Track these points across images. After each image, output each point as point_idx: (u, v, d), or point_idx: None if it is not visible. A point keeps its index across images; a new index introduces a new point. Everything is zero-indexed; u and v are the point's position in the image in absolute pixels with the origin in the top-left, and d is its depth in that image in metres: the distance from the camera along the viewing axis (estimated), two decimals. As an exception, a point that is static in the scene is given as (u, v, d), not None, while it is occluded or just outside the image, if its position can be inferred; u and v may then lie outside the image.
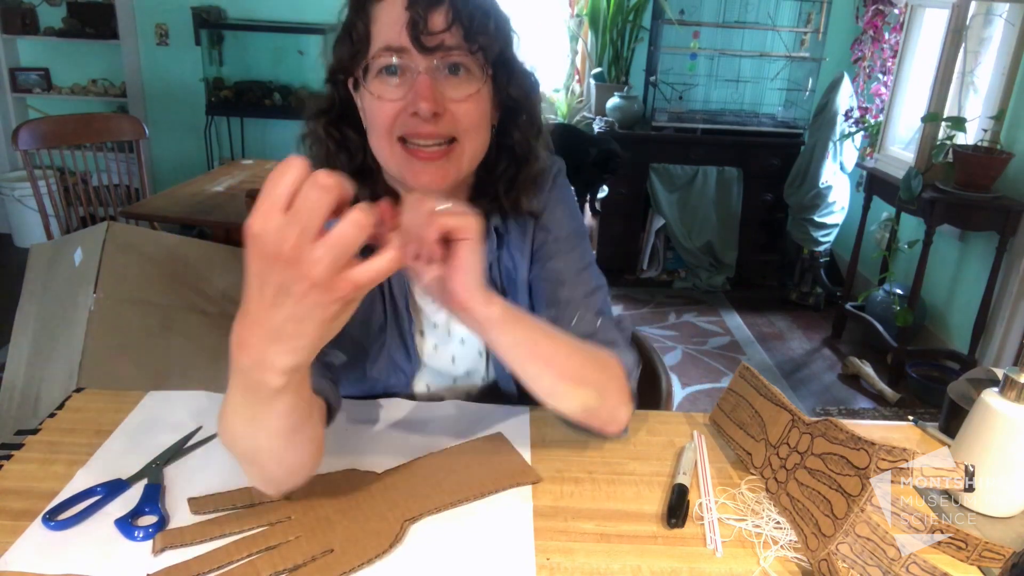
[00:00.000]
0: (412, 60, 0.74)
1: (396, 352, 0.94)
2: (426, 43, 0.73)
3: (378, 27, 0.76)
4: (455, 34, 0.74)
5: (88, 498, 0.78)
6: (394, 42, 0.74)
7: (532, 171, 0.88)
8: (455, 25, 0.74)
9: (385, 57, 0.75)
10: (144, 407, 0.97)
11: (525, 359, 0.75)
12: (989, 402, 0.84)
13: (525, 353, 0.74)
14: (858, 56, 3.64)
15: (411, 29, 0.73)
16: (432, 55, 0.74)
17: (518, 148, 0.87)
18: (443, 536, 0.76)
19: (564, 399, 0.79)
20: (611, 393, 0.82)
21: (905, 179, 2.80)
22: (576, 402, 0.79)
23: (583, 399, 0.79)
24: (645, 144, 3.76)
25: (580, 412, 0.81)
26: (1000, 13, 2.81)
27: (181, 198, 2.57)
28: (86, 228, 1.98)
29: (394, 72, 0.75)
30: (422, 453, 0.90)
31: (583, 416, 0.81)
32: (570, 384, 0.78)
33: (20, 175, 3.92)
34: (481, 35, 0.76)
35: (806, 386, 2.97)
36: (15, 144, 2.61)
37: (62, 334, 1.82)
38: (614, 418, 0.84)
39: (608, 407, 0.82)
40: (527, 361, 0.75)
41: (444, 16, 0.74)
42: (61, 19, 4.05)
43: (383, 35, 0.75)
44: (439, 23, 0.74)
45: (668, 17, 3.66)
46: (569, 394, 0.78)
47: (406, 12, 0.73)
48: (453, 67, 0.76)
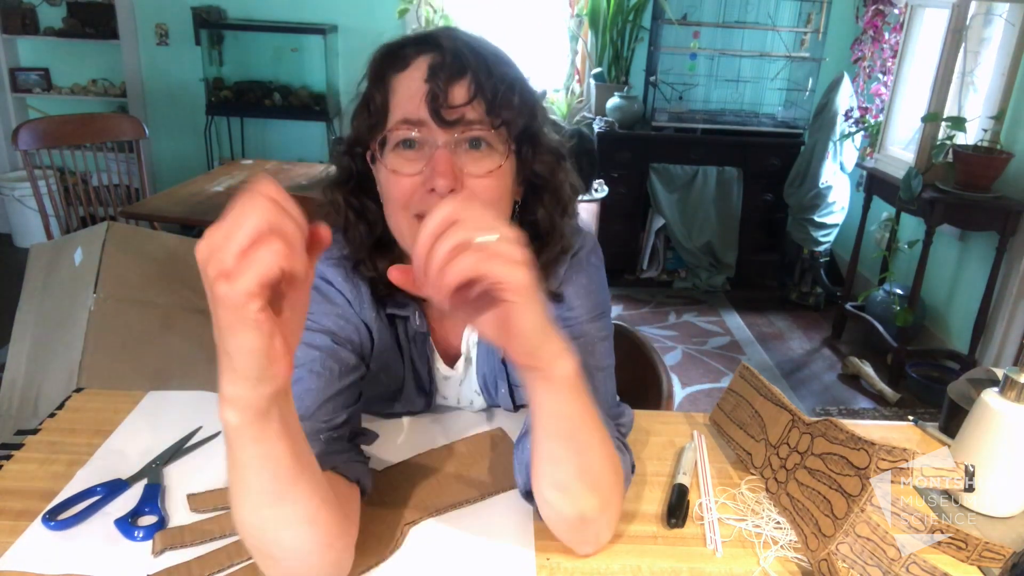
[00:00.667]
0: (431, 134, 0.70)
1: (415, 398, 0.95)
2: (446, 116, 0.69)
3: (397, 99, 0.72)
4: (477, 108, 0.70)
5: (88, 498, 0.78)
6: (412, 115, 0.70)
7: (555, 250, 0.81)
8: (477, 98, 0.70)
9: (403, 130, 0.71)
10: (144, 407, 0.98)
11: (562, 436, 0.66)
12: (989, 402, 0.84)
13: (565, 430, 0.65)
14: (858, 56, 3.64)
15: (430, 102, 0.69)
16: (452, 129, 0.70)
17: (541, 225, 0.80)
18: (443, 537, 0.76)
19: (569, 499, 0.69)
20: (610, 508, 0.73)
21: (905, 179, 2.80)
22: (578, 508, 0.69)
23: (586, 507, 0.69)
24: (645, 144, 3.76)
25: (572, 519, 0.70)
26: (1000, 13, 2.80)
27: (181, 198, 2.57)
28: (86, 228, 1.98)
29: (411, 146, 0.71)
30: (422, 450, 0.90)
31: (572, 524, 0.71)
32: (585, 485, 0.68)
33: (20, 175, 3.92)
34: (505, 110, 0.71)
35: (806, 386, 2.97)
36: (15, 144, 2.60)
37: (62, 334, 1.82)
38: (597, 538, 0.74)
39: (601, 523, 0.73)
40: (563, 440, 0.66)
41: (466, 89, 0.70)
42: (61, 19, 4.05)
43: (401, 107, 0.71)
44: (460, 96, 0.70)
45: (668, 17, 3.66)
46: (578, 496, 0.68)
47: (425, 84, 0.69)
48: (474, 141, 0.71)
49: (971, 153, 2.69)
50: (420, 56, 0.72)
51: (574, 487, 0.68)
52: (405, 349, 0.89)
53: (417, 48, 0.73)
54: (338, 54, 4.02)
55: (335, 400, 0.76)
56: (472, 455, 0.89)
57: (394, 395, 0.93)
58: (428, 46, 0.72)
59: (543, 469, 0.68)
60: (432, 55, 0.71)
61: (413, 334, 0.87)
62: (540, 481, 0.69)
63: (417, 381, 0.92)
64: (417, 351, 0.89)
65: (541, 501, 0.71)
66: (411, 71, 0.72)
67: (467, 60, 0.70)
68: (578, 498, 0.68)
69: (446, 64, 0.70)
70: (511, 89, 0.72)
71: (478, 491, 0.83)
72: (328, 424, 0.74)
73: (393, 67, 0.73)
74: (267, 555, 0.63)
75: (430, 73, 0.69)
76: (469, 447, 0.91)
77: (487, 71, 0.71)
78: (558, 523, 0.72)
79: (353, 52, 4.03)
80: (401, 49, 0.74)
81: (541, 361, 0.60)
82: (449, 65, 0.70)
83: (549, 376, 0.61)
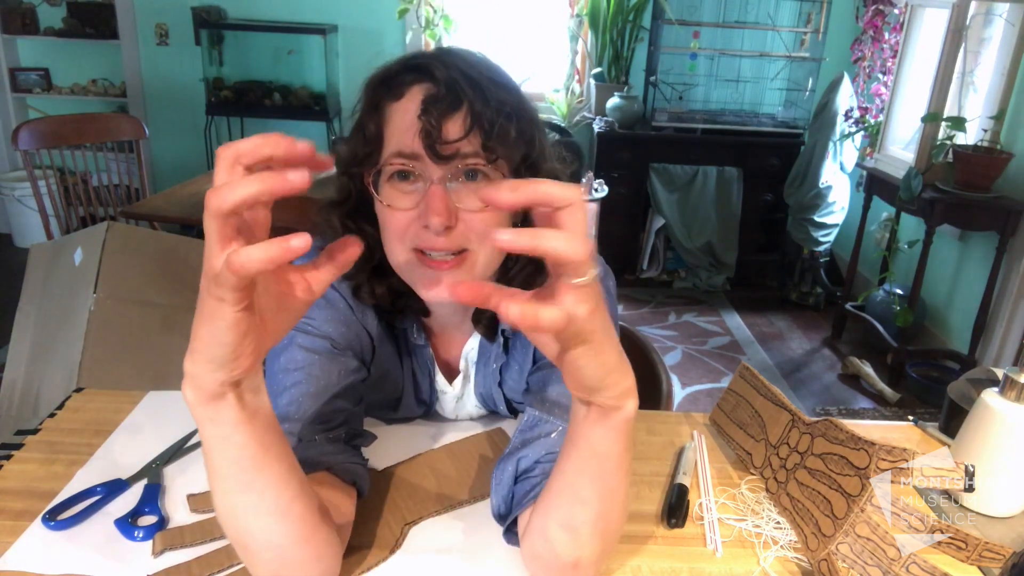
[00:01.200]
0: (425, 168, 0.69)
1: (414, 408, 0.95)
2: (441, 152, 0.67)
3: (391, 130, 0.71)
4: (473, 141, 0.68)
5: (88, 498, 0.78)
6: (407, 148, 0.69)
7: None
8: (473, 132, 0.68)
9: (397, 164, 0.70)
10: (144, 407, 0.98)
11: (596, 477, 0.62)
12: (989, 402, 0.84)
13: (602, 471, 0.61)
14: (858, 56, 3.64)
15: (424, 137, 0.67)
16: (447, 164, 0.68)
17: None
18: (443, 537, 0.76)
19: (574, 543, 0.65)
20: (605, 558, 0.70)
21: (905, 179, 2.80)
22: (578, 553, 0.66)
23: (586, 553, 0.66)
24: (645, 144, 3.76)
25: (566, 563, 0.66)
26: (1000, 13, 2.81)
27: (181, 198, 2.57)
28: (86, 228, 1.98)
29: (407, 177, 0.70)
30: (422, 449, 0.90)
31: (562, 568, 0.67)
32: (596, 531, 0.64)
33: (20, 175, 3.92)
34: (502, 144, 0.69)
35: (806, 386, 2.97)
36: (15, 144, 2.61)
37: (62, 334, 1.82)
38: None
39: (590, 572, 0.68)
40: (596, 481, 0.62)
41: (461, 123, 0.68)
42: (61, 19, 4.05)
43: (396, 140, 0.70)
44: (455, 131, 0.68)
45: (668, 17, 3.66)
46: (584, 541, 0.65)
47: (419, 120, 0.68)
48: (470, 173, 0.70)
49: (971, 153, 2.69)
50: (415, 85, 0.70)
51: (584, 531, 0.64)
52: (406, 359, 0.89)
53: (412, 76, 0.71)
54: (338, 54, 4.02)
55: (333, 403, 0.76)
56: (472, 455, 0.90)
57: (394, 404, 0.93)
58: (423, 75, 0.70)
59: (560, 506, 0.64)
60: (427, 85, 0.69)
61: (412, 345, 0.88)
62: (549, 517, 0.65)
63: (417, 392, 0.92)
64: (418, 363, 0.90)
65: (538, 537, 0.67)
66: (405, 102, 0.70)
67: (462, 91, 0.68)
68: (584, 544, 0.65)
69: (440, 96, 0.68)
70: (508, 119, 0.70)
71: (477, 491, 0.83)
72: (326, 426, 0.74)
73: (388, 95, 0.72)
74: (243, 546, 0.63)
75: (424, 107, 0.68)
76: (468, 447, 0.91)
77: (484, 101, 0.69)
78: (547, 565, 0.68)
79: (353, 52, 4.03)
80: (396, 76, 0.72)
81: (603, 399, 0.56)
82: (443, 97, 0.68)
83: (607, 414, 0.57)
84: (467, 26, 3.97)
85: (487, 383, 0.91)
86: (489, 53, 0.78)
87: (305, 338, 0.77)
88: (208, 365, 0.51)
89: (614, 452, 0.60)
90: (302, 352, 0.76)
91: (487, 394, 0.92)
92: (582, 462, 0.61)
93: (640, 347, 1.27)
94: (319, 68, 3.94)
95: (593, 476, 0.62)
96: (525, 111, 0.74)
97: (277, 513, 0.61)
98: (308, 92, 3.99)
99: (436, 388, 0.93)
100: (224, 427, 0.55)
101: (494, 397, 0.92)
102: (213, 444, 0.57)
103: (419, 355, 0.89)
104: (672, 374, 3.00)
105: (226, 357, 0.50)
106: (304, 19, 3.94)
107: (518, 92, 0.74)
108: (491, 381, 0.90)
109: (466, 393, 0.94)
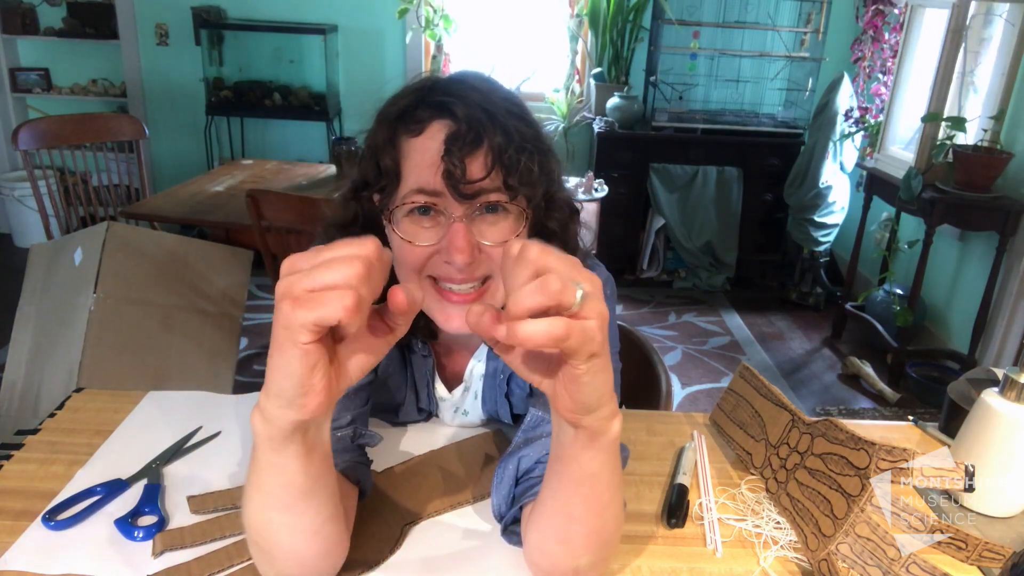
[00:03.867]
0: (447, 205, 0.69)
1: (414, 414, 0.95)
2: (464, 191, 0.68)
3: (410, 165, 0.71)
4: (495, 179, 0.69)
5: (88, 498, 0.78)
6: (428, 186, 0.69)
7: None
8: (495, 170, 0.69)
9: (419, 199, 0.70)
10: (144, 407, 0.98)
11: (586, 496, 0.62)
12: (989, 402, 0.84)
13: (592, 489, 0.61)
14: (858, 56, 3.64)
15: (447, 177, 0.68)
16: (470, 202, 0.69)
17: None
18: (443, 537, 0.76)
19: (570, 554, 0.65)
20: (605, 563, 0.70)
21: (905, 179, 2.80)
22: (575, 563, 0.66)
23: (583, 562, 0.66)
24: (645, 144, 3.76)
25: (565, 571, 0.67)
26: (1000, 13, 2.80)
27: (181, 198, 2.57)
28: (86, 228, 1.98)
29: (427, 212, 0.71)
30: (423, 450, 0.90)
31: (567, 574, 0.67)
32: (591, 543, 0.65)
33: (20, 175, 3.92)
34: (524, 183, 0.70)
35: (806, 386, 2.97)
36: (15, 144, 2.61)
37: (62, 334, 1.82)
38: None
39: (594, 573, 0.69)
40: (586, 499, 0.62)
41: (482, 161, 0.68)
42: (61, 19, 4.05)
43: (415, 176, 0.70)
44: (478, 170, 0.68)
45: (668, 17, 3.66)
46: (580, 552, 0.65)
47: (442, 159, 0.68)
48: (490, 207, 0.71)
49: (971, 153, 2.69)
50: (435, 122, 0.70)
51: (579, 543, 0.65)
52: (408, 368, 0.90)
53: (431, 112, 0.70)
54: (338, 54, 4.02)
55: (342, 402, 0.76)
56: (472, 455, 0.90)
57: (395, 409, 0.94)
58: (442, 112, 0.70)
59: (555, 524, 0.65)
60: (448, 123, 0.69)
61: (416, 356, 0.89)
62: (544, 535, 0.66)
63: (416, 400, 0.93)
64: (418, 371, 0.91)
65: (535, 551, 0.68)
66: (425, 139, 0.70)
67: (484, 128, 0.68)
68: (580, 554, 0.65)
69: (462, 134, 0.68)
70: (529, 156, 0.70)
71: (478, 491, 0.83)
72: (333, 425, 0.75)
73: (407, 130, 0.71)
74: (264, 551, 0.64)
75: (447, 147, 0.68)
76: (469, 447, 0.91)
77: (505, 137, 0.69)
78: (548, 572, 0.69)
79: (353, 52, 4.03)
80: (414, 111, 0.71)
81: (593, 419, 0.56)
82: (465, 135, 0.68)
83: (594, 436, 0.57)
84: (467, 26, 3.97)
85: (494, 396, 0.91)
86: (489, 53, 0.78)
87: None
88: (277, 400, 0.51)
89: (605, 471, 0.60)
90: None
91: (493, 410, 0.93)
92: (573, 483, 0.61)
93: (640, 347, 1.27)
94: (319, 68, 3.94)
95: (585, 496, 0.62)
96: (542, 143, 0.74)
97: (311, 532, 0.62)
98: (308, 92, 3.99)
99: (435, 397, 0.94)
100: (283, 457, 0.56)
101: (499, 411, 0.93)
102: (267, 468, 0.57)
103: (419, 365, 0.90)
104: (672, 374, 3.01)
105: (295, 392, 0.50)
106: (304, 19, 3.94)
107: (535, 123, 0.75)
108: (498, 393, 0.91)
109: (466, 404, 0.94)
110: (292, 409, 0.51)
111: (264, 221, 1.98)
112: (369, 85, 4.06)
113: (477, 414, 0.95)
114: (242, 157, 4.08)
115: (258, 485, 0.59)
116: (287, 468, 0.57)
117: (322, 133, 4.05)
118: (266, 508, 0.61)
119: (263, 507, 0.61)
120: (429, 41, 3.96)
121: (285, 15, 3.95)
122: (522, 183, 0.70)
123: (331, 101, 3.96)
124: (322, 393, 0.51)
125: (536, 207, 0.74)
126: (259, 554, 0.65)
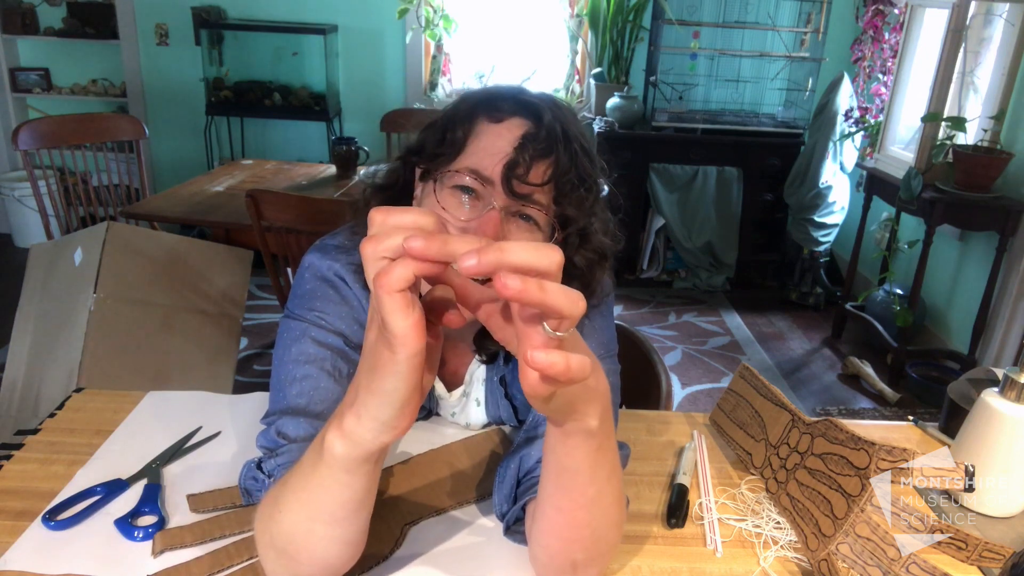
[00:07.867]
0: (493, 194, 0.70)
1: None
2: (516, 189, 0.69)
3: (476, 145, 0.72)
4: (547, 192, 0.71)
5: (88, 498, 0.78)
6: (485, 170, 0.70)
7: None
8: (550, 185, 0.71)
9: (469, 178, 0.71)
10: (144, 407, 0.98)
11: (570, 488, 0.62)
12: (989, 402, 0.84)
13: (576, 483, 0.62)
14: (858, 56, 3.64)
15: (508, 169, 0.69)
16: (515, 201, 0.70)
17: None
18: (443, 537, 0.76)
19: (565, 548, 0.66)
20: (605, 558, 0.70)
21: (905, 179, 2.80)
22: (572, 557, 0.67)
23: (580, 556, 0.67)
24: (645, 144, 3.76)
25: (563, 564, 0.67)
26: (1000, 13, 2.80)
27: (181, 198, 2.57)
28: (86, 228, 1.98)
29: (469, 192, 0.72)
30: (423, 449, 0.90)
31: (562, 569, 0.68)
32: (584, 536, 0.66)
33: (20, 175, 3.92)
34: (570, 206, 0.72)
35: (806, 386, 2.97)
36: (15, 144, 2.61)
37: (62, 334, 1.82)
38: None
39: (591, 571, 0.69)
40: (571, 491, 0.62)
41: (544, 171, 0.70)
42: (61, 19, 4.05)
43: (477, 156, 0.71)
44: (537, 176, 0.70)
45: (668, 17, 3.66)
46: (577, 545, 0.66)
47: (512, 152, 0.69)
48: (526, 216, 0.72)
49: (971, 153, 2.69)
50: (515, 117, 0.72)
51: (569, 535, 0.65)
52: None
53: (515, 107, 0.72)
54: (338, 54, 4.02)
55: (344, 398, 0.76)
56: (472, 455, 0.90)
57: None
58: (528, 112, 0.71)
59: (546, 513, 0.66)
60: (528, 123, 0.71)
61: None
62: (540, 524, 0.67)
63: None
64: None
65: (536, 540, 0.69)
66: (501, 128, 0.71)
67: (557, 142, 0.70)
68: (575, 548, 0.66)
69: (538, 138, 0.69)
70: (587, 190, 0.72)
71: (478, 491, 0.83)
72: None
73: (487, 114, 0.73)
74: (289, 556, 0.63)
75: (522, 142, 0.69)
76: (469, 447, 0.91)
77: (571, 160, 0.70)
78: (546, 567, 0.70)
79: (353, 52, 4.03)
80: (500, 100, 0.73)
81: (563, 419, 0.56)
82: (540, 140, 0.69)
83: (568, 433, 0.57)
84: (467, 26, 3.97)
85: (495, 397, 0.91)
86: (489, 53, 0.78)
87: (318, 332, 0.78)
88: (373, 423, 0.52)
89: (585, 466, 0.60)
90: (314, 346, 0.77)
91: (495, 414, 0.93)
92: (553, 475, 0.62)
93: (640, 347, 1.27)
94: (319, 68, 3.94)
95: (567, 487, 0.62)
96: (597, 186, 0.76)
97: (346, 543, 0.63)
98: (308, 92, 3.99)
99: (434, 395, 0.94)
100: (355, 476, 0.57)
101: (501, 415, 0.93)
102: (330, 485, 0.57)
103: None
104: (672, 374, 3.01)
105: (394, 413, 0.50)
106: (304, 19, 3.94)
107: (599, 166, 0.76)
108: (499, 395, 0.91)
109: (468, 411, 0.94)
110: (386, 432, 0.52)
111: (264, 221, 1.98)
112: (369, 85, 4.06)
113: (481, 420, 0.95)
114: (242, 157, 4.08)
115: (306, 499, 0.59)
116: (353, 485, 0.57)
117: (322, 133, 4.05)
118: (310, 520, 0.60)
119: (307, 519, 0.60)
120: (429, 41, 3.96)
121: (285, 15, 3.95)
122: (568, 207, 0.72)
123: (331, 101, 3.96)
124: (412, 415, 0.51)
125: (568, 237, 0.75)
126: (280, 558, 0.64)
